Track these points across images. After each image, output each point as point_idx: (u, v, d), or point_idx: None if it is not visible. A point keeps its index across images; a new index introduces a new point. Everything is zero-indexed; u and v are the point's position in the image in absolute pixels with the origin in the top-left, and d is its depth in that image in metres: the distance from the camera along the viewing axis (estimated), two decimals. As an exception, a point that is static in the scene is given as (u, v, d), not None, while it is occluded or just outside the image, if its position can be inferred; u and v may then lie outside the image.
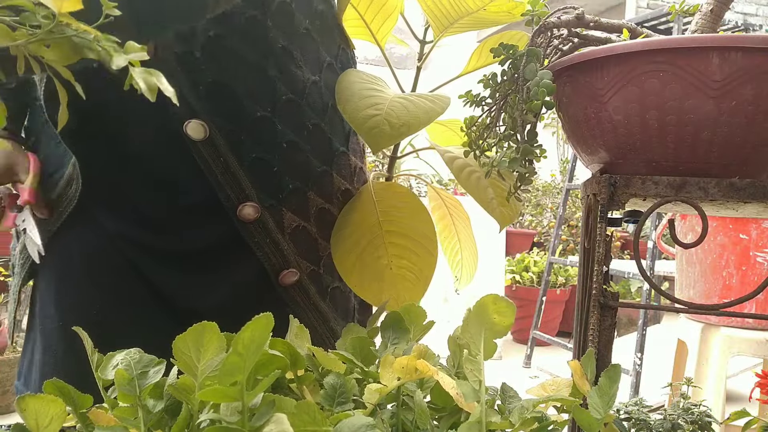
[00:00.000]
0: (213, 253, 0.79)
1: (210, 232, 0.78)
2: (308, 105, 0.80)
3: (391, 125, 0.71)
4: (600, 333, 0.60)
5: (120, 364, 0.41)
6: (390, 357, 0.44)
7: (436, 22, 0.83)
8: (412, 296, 0.82)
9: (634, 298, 4.39)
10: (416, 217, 0.82)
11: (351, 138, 0.88)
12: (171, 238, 0.78)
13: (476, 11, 0.80)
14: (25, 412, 0.35)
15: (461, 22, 0.82)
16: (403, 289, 0.82)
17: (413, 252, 0.82)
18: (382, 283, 0.81)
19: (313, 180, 0.81)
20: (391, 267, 0.81)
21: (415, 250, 0.82)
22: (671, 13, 0.78)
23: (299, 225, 0.80)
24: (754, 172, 0.59)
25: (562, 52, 0.68)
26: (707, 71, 0.55)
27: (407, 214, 0.82)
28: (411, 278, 0.82)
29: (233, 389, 0.31)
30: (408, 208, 0.82)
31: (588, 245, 0.64)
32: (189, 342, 0.35)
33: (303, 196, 0.80)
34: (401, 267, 0.82)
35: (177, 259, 0.79)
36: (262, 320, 0.30)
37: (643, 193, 0.60)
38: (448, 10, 0.80)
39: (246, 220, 0.75)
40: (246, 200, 0.75)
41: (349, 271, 0.81)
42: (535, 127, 0.63)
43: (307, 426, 0.36)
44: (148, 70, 0.36)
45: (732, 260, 1.90)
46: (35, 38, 0.33)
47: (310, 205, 0.81)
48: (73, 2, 0.33)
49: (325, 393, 0.43)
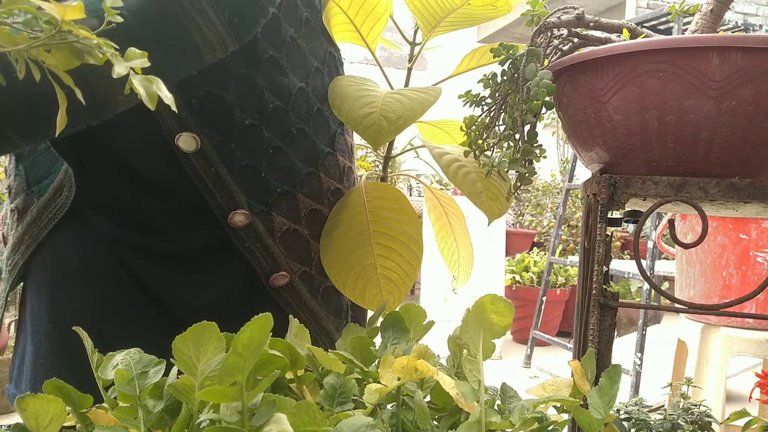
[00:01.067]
0: (205, 254, 0.80)
1: (202, 233, 0.79)
2: (294, 111, 0.82)
3: (388, 120, 0.71)
4: (600, 333, 0.60)
5: (120, 364, 0.41)
6: (390, 357, 0.44)
7: (423, 21, 0.83)
8: (396, 296, 0.83)
9: (634, 298, 4.39)
10: (404, 218, 0.83)
11: (337, 139, 0.90)
12: (163, 240, 0.78)
13: (461, 6, 0.80)
14: (25, 412, 0.35)
15: (448, 20, 0.83)
16: (387, 290, 0.83)
17: (398, 253, 0.82)
18: (367, 282, 0.82)
19: (300, 182, 0.82)
20: (376, 267, 0.82)
21: (401, 251, 0.82)
22: (671, 13, 0.78)
23: (290, 228, 0.80)
24: (754, 172, 0.59)
25: (562, 52, 0.68)
26: (707, 71, 0.55)
27: (396, 215, 0.83)
28: (395, 279, 0.83)
29: (233, 389, 0.31)
30: (397, 209, 0.83)
31: (588, 245, 0.64)
32: (189, 342, 0.35)
33: (293, 199, 0.81)
34: (386, 267, 0.82)
35: (170, 260, 0.79)
36: (262, 320, 0.30)
37: (643, 193, 0.60)
38: (435, 9, 0.81)
39: (236, 227, 0.76)
40: (236, 208, 0.76)
41: (334, 269, 0.82)
42: (535, 127, 0.63)
43: (306, 426, 0.36)
44: (148, 78, 0.36)
45: (732, 260, 1.90)
46: (37, 43, 0.33)
47: (300, 207, 0.82)
48: (76, 11, 0.33)
49: (325, 393, 0.43)
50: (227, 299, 0.80)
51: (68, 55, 0.34)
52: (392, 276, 0.83)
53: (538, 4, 0.66)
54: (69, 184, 0.76)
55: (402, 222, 0.83)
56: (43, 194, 0.78)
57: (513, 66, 0.64)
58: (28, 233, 0.78)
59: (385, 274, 0.82)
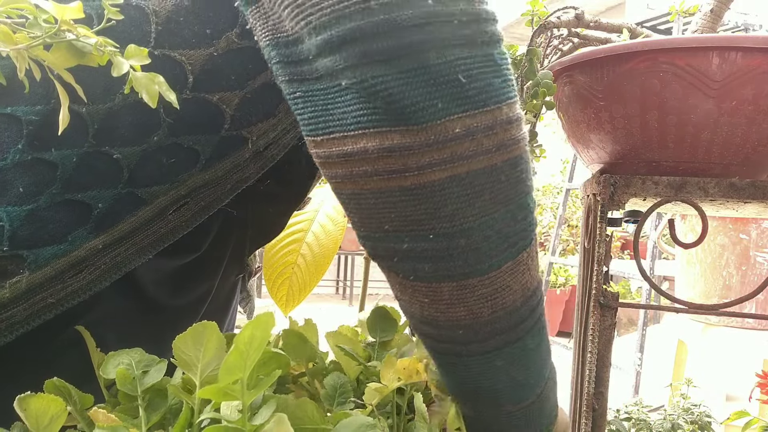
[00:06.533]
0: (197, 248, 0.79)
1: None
2: None
3: None
4: (600, 333, 0.61)
5: (121, 363, 0.41)
6: (392, 357, 0.44)
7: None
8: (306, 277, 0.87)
9: (634, 298, 4.38)
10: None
11: None
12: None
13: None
14: (25, 412, 0.35)
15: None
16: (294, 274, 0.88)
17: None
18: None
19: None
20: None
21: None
22: (671, 13, 0.78)
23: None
24: (754, 172, 0.59)
25: (562, 52, 0.68)
26: (707, 71, 0.55)
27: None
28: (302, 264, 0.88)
29: (233, 388, 0.31)
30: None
31: (588, 245, 0.64)
32: (189, 341, 0.35)
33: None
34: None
35: (161, 255, 0.78)
36: (263, 318, 0.30)
37: (643, 193, 0.60)
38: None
39: None
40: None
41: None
42: (535, 127, 0.63)
43: (307, 425, 0.36)
44: (149, 76, 0.36)
45: (732, 260, 1.90)
46: (36, 42, 0.33)
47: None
48: (76, 11, 0.33)
49: (325, 393, 0.43)
50: (212, 296, 0.80)
51: (68, 54, 0.34)
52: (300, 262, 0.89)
53: (538, 4, 0.66)
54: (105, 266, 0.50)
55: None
56: (42, 267, 0.48)
57: (513, 66, 0.64)
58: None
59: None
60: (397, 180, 0.36)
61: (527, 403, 0.45)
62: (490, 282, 0.39)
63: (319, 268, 0.89)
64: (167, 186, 0.49)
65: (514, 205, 0.38)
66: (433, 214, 0.37)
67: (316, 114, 0.38)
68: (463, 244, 0.38)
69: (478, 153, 0.36)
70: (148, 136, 0.47)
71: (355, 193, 0.38)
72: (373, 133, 0.35)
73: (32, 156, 0.45)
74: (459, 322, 0.40)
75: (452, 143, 0.35)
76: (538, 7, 0.66)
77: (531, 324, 0.42)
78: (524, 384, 0.44)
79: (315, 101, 0.37)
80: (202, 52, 0.47)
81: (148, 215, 0.49)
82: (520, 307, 0.41)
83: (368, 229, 0.40)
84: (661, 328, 3.16)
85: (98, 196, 0.47)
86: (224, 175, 0.51)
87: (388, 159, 0.36)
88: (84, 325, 0.48)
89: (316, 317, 0.53)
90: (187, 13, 0.47)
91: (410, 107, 0.34)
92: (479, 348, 0.41)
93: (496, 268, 0.39)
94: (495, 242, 0.38)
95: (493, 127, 0.36)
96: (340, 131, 0.37)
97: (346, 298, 6.08)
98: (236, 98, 0.49)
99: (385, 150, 0.35)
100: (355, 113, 0.36)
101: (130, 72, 0.35)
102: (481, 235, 0.38)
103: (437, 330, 0.42)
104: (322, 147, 0.38)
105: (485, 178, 0.37)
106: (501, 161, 0.37)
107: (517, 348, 0.42)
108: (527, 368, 0.43)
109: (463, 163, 0.36)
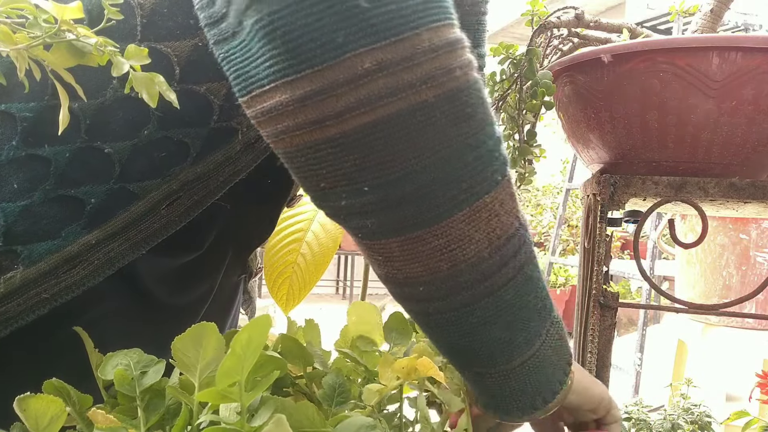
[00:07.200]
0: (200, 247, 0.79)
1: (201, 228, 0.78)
2: None
3: None
4: (600, 333, 0.60)
5: (120, 364, 0.41)
6: (389, 356, 0.44)
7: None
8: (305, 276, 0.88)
9: (634, 298, 4.38)
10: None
11: None
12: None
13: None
14: (25, 412, 0.35)
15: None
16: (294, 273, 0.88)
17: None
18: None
19: None
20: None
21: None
22: (671, 13, 0.78)
23: None
24: (754, 172, 0.59)
25: (562, 52, 0.68)
26: (707, 71, 0.55)
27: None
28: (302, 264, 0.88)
29: (231, 390, 0.31)
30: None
31: (588, 245, 0.64)
32: (188, 342, 0.35)
33: None
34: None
35: (162, 253, 0.78)
36: (261, 321, 0.30)
37: (643, 193, 0.60)
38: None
39: None
40: None
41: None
42: (534, 127, 0.63)
43: (306, 427, 0.36)
44: (149, 76, 0.36)
45: (732, 260, 1.90)
46: (36, 42, 0.33)
47: None
48: (76, 11, 0.33)
49: (323, 393, 0.43)
50: (213, 296, 0.80)
51: (68, 53, 0.34)
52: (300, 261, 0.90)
53: (538, 4, 0.66)
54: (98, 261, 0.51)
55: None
56: (36, 263, 0.48)
57: (513, 66, 0.64)
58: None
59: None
60: (319, 132, 0.33)
61: (518, 363, 0.41)
62: (443, 233, 0.35)
63: (319, 266, 0.89)
64: (159, 180, 0.48)
65: (460, 145, 0.34)
66: (361, 165, 0.33)
67: (238, 74, 0.35)
68: (401, 194, 0.34)
69: (399, 89, 0.31)
70: (139, 130, 0.47)
71: (287, 152, 0.35)
72: (284, 84, 0.32)
73: (26, 152, 0.45)
74: (417, 279, 0.37)
75: (365, 81, 0.31)
76: (538, 7, 0.66)
77: (508, 276, 0.38)
78: (510, 341, 0.40)
79: (234, 60, 0.35)
80: (187, 43, 0.46)
81: (140, 210, 0.49)
82: (488, 258, 0.37)
83: (309, 189, 0.37)
84: (661, 328, 3.16)
85: (91, 192, 0.47)
86: (216, 168, 0.50)
87: (304, 109, 0.32)
88: (85, 324, 0.47)
89: (317, 317, 0.52)
90: (171, 4, 0.46)
91: (309, 44, 0.31)
92: (445, 305, 0.38)
93: (447, 217, 0.35)
94: (440, 189, 0.34)
95: (412, 57, 0.31)
96: (258, 88, 0.34)
97: (346, 298, 6.08)
98: (224, 88, 0.48)
99: (298, 100, 0.32)
100: (265, 66, 0.33)
101: (130, 72, 0.35)
102: (420, 182, 0.34)
103: (400, 288, 0.39)
104: (249, 108, 0.36)
105: (415, 117, 0.32)
106: (432, 96, 0.32)
107: (490, 303, 0.38)
108: (510, 325, 0.39)
109: (385, 103, 0.32)
